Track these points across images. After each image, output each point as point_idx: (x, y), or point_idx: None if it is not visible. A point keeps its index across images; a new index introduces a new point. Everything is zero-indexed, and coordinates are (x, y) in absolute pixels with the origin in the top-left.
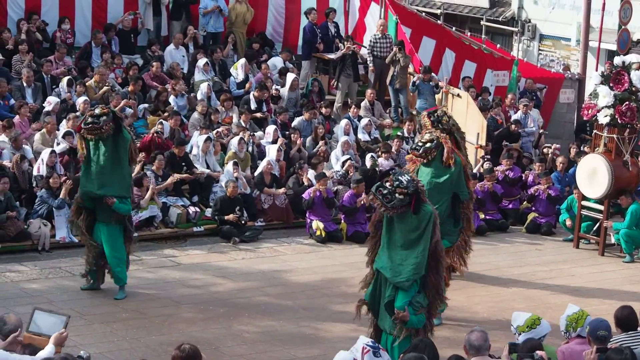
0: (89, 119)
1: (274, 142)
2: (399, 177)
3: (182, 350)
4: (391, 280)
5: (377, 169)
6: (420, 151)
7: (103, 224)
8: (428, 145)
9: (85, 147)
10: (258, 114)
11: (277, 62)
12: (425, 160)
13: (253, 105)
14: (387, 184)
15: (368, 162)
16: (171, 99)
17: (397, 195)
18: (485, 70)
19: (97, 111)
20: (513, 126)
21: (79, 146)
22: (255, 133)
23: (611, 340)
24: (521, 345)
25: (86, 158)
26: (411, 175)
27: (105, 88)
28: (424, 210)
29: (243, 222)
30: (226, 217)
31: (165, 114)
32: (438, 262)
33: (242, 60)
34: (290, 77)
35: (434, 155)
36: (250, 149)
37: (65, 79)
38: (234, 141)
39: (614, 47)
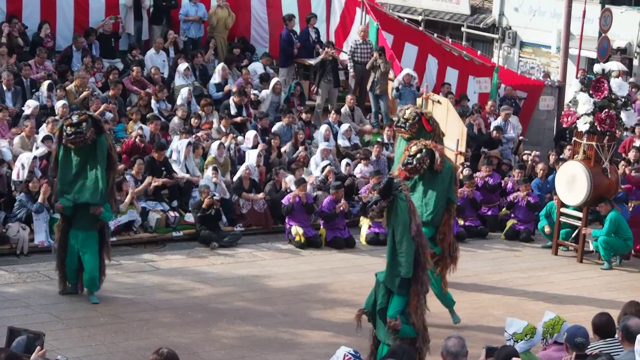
0: (70, 130)
1: (254, 147)
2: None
3: (160, 355)
4: (389, 278)
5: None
6: (415, 164)
7: (80, 231)
8: (419, 156)
9: (56, 154)
10: (238, 119)
11: (257, 67)
12: (418, 173)
13: (233, 110)
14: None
15: (343, 169)
16: (152, 103)
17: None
18: (467, 77)
19: (74, 119)
20: (494, 133)
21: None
22: (237, 137)
23: (589, 347)
24: (498, 350)
25: (60, 164)
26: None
27: (85, 93)
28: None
29: (219, 207)
30: (204, 205)
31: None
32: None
33: (220, 65)
34: (273, 80)
35: (427, 164)
36: (232, 153)
37: (45, 83)
38: (214, 146)
39: (594, 55)
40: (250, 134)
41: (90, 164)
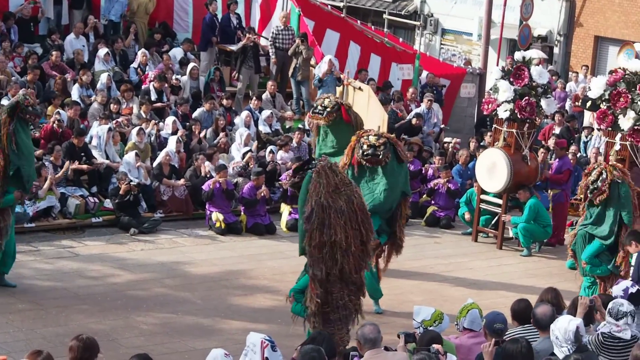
0: None
1: (174, 133)
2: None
3: (80, 341)
4: None
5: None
6: (381, 156)
7: None
8: (384, 149)
9: None
10: (159, 105)
11: (178, 53)
12: (381, 165)
13: (153, 96)
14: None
15: (267, 156)
16: (75, 88)
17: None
18: (390, 64)
19: None
20: (414, 120)
21: None
22: (158, 123)
23: (507, 333)
24: (421, 335)
25: None
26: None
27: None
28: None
29: (137, 192)
30: (121, 192)
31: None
32: None
33: (141, 51)
34: (190, 65)
35: (390, 156)
36: (152, 139)
37: None
38: (134, 132)
39: (515, 42)
40: (170, 119)
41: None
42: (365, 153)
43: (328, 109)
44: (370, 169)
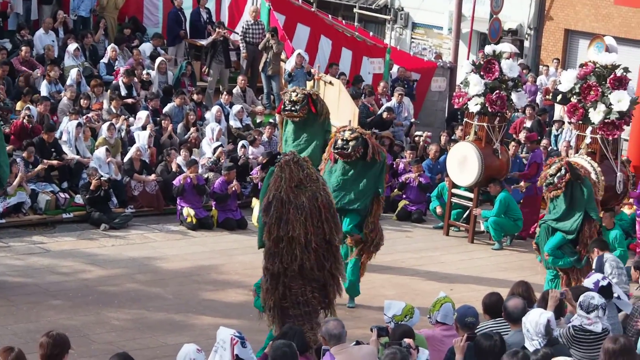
0: None
1: (145, 128)
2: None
3: (50, 337)
4: None
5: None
6: (349, 150)
7: None
8: (354, 144)
9: None
10: (129, 100)
11: (148, 48)
12: (350, 159)
13: (123, 92)
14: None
15: (239, 151)
16: (43, 84)
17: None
18: (361, 58)
19: None
20: (385, 114)
21: None
22: (128, 118)
23: (478, 327)
24: (393, 329)
25: None
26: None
27: None
28: None
29: (107, 188)
30: (92, 187)
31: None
32: None
33: (111, 46)
34: (158, 60)
35: (361, 152)
36: (122, 134)
37: None
38: (104, 127)
39: (485, 36)
40: (142, 114)
41: None
42: (335, 147)
43: (298, 104)
44: (346, 165)
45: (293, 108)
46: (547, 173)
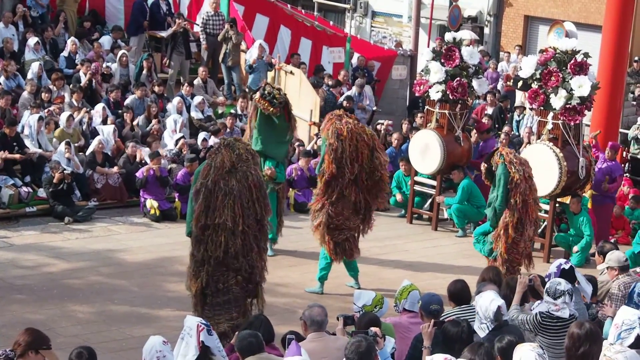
0: None
1: (104, 120)
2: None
3: (26, 332)
4: None
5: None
6: (275, 106)
7: None
8: (277, 102)
9: None
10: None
11: (107, 40)
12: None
13: (83, 81)
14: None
15: (200, 143)
16: (1, 79)
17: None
18: (321, 48)
19: None
20: (345, 102)
21: None
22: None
23: (443, 314)
24: (359, 318)
25: None
26: None
27: None
28: None
29: (70, 181)
30: (55, 180)
31: None
32: None
33: (71, 39)
34: (119, 53)
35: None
36: (84, 127)
37: None
38: (63, 117)
39: (445, 24)
40: (99, 106)
41: None
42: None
43: (277, 102)
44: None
45: (273, 101)
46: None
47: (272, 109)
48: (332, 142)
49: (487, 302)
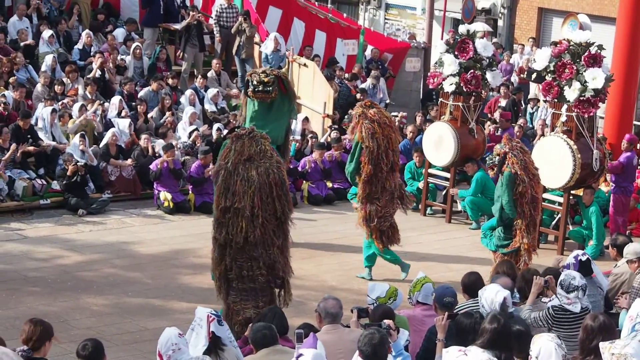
0: None
1: (119, 113)
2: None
3: (35, 324)
4: None
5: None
6: (271, 92)
7: None
8: (272, 86)
9: None
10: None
11: (121, 33)
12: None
13: (98, 73)
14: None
15: (214, 134)
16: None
17: None
18: (335, 40)
19: None
20: (359, 95)
21: None
22: (104, 103)
23: (457, 307)
24: (373, 310)
25: None
26: None
27: None
28: None
29: (84, 173)
30: (68, 173)
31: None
32: None
33: (85, 31)
34: (133, 45)
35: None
36: (98, 120)
37: None
38: (76, 107)
39: (459, 16)
40: (115, 99)
41: None
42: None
43: (270, 86)
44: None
45: (265, 89)
46: (494, 152)
47: (272, 94)
48: (369, 144)
49: (492, 294)
